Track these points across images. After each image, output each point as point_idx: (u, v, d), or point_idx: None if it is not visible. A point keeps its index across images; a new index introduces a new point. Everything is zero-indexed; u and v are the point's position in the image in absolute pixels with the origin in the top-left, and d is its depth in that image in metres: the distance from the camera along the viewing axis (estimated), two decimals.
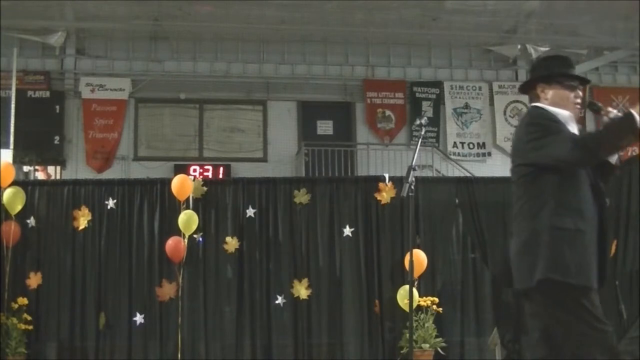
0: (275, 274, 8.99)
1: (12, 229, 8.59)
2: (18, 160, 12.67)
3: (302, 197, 9.13)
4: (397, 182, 9.03)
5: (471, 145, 15.28)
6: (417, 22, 14.59)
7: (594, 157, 3.88)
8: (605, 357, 3.69)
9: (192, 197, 8.94)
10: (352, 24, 14.54)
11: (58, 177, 14.10)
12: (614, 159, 4.06)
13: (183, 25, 14.45)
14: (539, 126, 3.95)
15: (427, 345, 8.58)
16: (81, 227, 8.94)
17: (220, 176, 13.99)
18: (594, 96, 15.67)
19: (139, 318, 8.79)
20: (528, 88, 4.27)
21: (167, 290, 8.81)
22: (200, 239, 8.93)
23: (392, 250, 9.06)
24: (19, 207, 8.72)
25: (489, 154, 15.29)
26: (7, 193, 8.68)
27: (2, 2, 12.30)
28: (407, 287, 6.97)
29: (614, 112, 3.96)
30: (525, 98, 15.41)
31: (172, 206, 8.91)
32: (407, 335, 7.26)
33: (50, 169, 14.47)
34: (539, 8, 13.99)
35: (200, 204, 9.02)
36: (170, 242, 8.71)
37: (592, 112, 4.20)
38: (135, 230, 8.99)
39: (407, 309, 7.29)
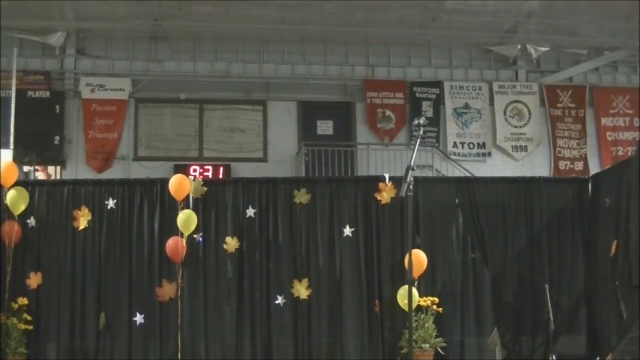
0: (275, 274, 8.99)
1: (14, 229, 8.59)
2: (18, 160, 12.66)
3: (302, 197, 9.13)
4: (397, 182, 9.01)
5: (471, 145, 15.28)
6: (417, 22, 14.59)
7: None
8: None
9: (192, 197, 8.93)
10: (352, 24, 14.53)
11: (58, 177, 14.10)
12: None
13: (183, 25, 14.45)
14: None
15: (427, 345, 8.58)
16: (81, 227, 8.94)
17: (220, 176, 13.99)
18: (594, 96, 15.71)
19: (139, 318, 8.78)
20: None
21: (167, 290, 8.80)
22: (200, 238, 8.93)
23: (392, 250, 9.05)
24: (22, 208, 8.72)
25: (489, 154, 15.29)
26: (11, 193, 8.68)
27: (2, 2, 12.31)
28: (407, 287, 6.97)
29: None
30: (525, 98, 15.49)
31: (172, 206, 8.91)
32: (407, 335, 7.26)
33: (50, 169, 14.47)
34: (539, 8, 13.99)
35: (200, 204, 9.01)
36: (170, 242, 8.71)
37: None
38: (135, 230, 8.98)
39: (407, 309, 7.29)
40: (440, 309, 8.77)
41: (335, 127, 15.35)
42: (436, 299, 8.78)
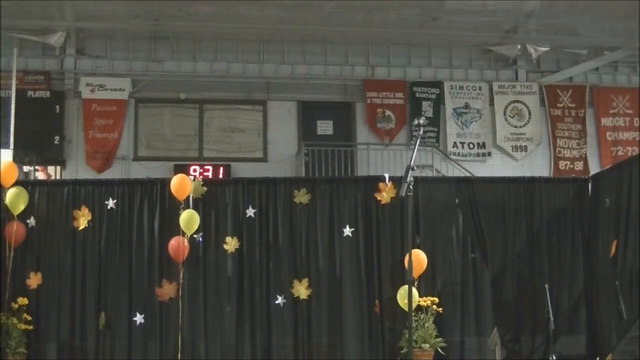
0: (275, 274, 8.99)
1: (15, 230, 8.58)
2: (18, 160, 12.66)
3: (302, 197, 9.13)
4: (397, 182, 9.00)
5: (471, 145, 15.28)
6: (417, 22, 14.60)
7: None
8: None
9: (192, 197, 8.93)
10: (352, 24, 14.54)
11: (58, 177, 14.10)
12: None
13: (183, 25, 14.45)
14: None
15: (427, 345, 8.58)
16: (81, 227, 8.94)
17: (220, 176, 13.99)
18: (594, 96, 15.71)
19: (139, 318, 8.79)
20: None
21: (167, 290, 8.80)
22: (200, 239, 8.93)
23: (392, 250, 9.05)
24: (21, 207, 8.71)
25: (489, 154, 15.30)
26: (10, 193, 8.68)
27: (2, 2, 12.31)
28: (407, 287, 6.97)
29: None
30: (525, 98, 15.49)
31: (172, 206, 8.91)
32: (407, 335, 7.26)
33: (50, 169, 14.47)
34: (539, 8, 13.99)
35: (200, 204, 9.01)
36: (173, 242, 8.71)
37: None
38: (135, 230, 8.98)
39: (407, 309, 7.29)
40: (440, 309, 8.77)
41: (335, 127, 15.35)
42: (436, 299, 8.78)
